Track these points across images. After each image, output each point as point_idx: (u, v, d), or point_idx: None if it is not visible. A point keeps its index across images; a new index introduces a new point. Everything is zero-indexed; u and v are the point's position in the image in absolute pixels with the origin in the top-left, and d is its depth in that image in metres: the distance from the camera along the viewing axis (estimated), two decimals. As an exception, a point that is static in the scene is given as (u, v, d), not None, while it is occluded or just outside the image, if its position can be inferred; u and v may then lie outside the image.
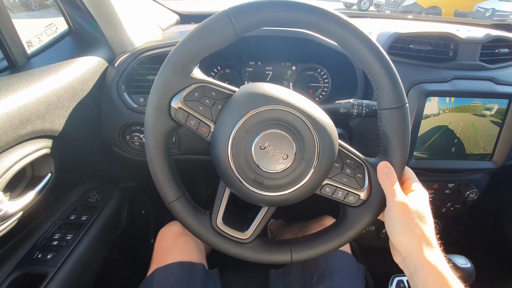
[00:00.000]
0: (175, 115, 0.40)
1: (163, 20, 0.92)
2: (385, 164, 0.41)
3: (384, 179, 0.40)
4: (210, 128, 0.41)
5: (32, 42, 0.63)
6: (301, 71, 0.82)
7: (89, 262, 0.62)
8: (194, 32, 0.39)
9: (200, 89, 0.40)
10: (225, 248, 0.44)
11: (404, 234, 0.37)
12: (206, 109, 0.40)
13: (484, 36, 0.67)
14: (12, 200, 0.51)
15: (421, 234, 0.37)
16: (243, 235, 0.44)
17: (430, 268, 0.35)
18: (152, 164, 0.41)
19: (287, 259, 0.44)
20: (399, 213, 0.38)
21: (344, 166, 0.42)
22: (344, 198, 0.42)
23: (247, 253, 0.44)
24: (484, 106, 0.65)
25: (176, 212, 0.43)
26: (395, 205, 0.38)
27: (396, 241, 0.38)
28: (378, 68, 0.39)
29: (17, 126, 0.48)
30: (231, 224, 0.44)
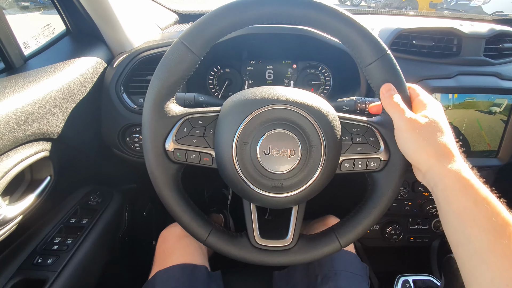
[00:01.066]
0: (174, 157, 0.40)
1: (161, 20, 0.91)
2: (388, 86, 0.38)
3: (389, 101, 0.38)
4: (212, 155, 0.40)
5: (29, 43, 0.63)
6: (302, 69, 0.81)
7: (90, 266, 0.61)
8: (157, 72, 0.39)
9: (186, 123, 0.40)
10: (274, 261, 0.43)
11: (418, 151, 0.36)
12: (200, 139, 0.40)
13: (488, 31, 0.66)
14: (11, 204, 0.50)
15: (437, 145, 0.35)
16: (285, 242, 0.43)
17: (449, 176, 0.33)
18: (172, 211, 0.41)
19: (336, 247, 0.43)
20: (408, 131, 0.36)
21: (352, 136, 0.41)
22: (366, 167, 0.41)
23: (296, 257, 0.43)
24: (489, 102, 0.64)
25: (215, 246, 0.43)
26: (403, 123, 0.36)
27: (412, 159, 0.37)
28: (344, 28, 0.37)
29: (14, 129, 0.47)
30: (270, 236, 0.44)
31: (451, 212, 0.33)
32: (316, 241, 0.44)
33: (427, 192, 0.78)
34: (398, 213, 0.84)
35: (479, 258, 0.30)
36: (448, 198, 0.33)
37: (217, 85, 0.81)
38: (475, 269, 0.30)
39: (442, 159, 0.34)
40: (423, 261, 0.95)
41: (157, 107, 0.39)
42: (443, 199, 0.34)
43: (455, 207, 0.33)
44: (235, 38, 0.67)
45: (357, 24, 0.38)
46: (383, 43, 0.38)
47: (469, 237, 0.31)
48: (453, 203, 0.33)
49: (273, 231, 0.45)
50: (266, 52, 0.79)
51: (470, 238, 0.31)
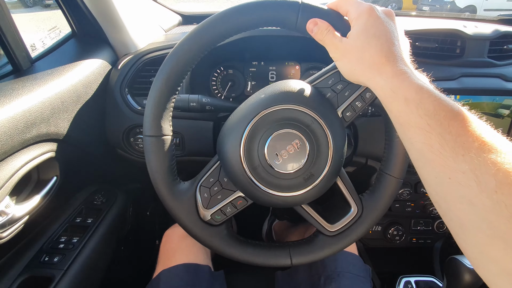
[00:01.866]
0: (215, 221, 0.43)
1: (165, 21, 0.92)
2: (313, 21, 0.36)
3: (318, 37, 0.36)
4: (241, 195, 0.42)
5: (36, 45, 0.64)
6: (305, 70, 0.81)
7: (95, 264, 0.62)
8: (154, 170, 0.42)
9: (202, 189, 0.42)
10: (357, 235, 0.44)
11: (351, 73, 0.35)
12: (223, 192, 0.42)
13: (492, 32, 0.66)
14: (19, 204, 0.51)
15: (364, 61, 0.33)
16: (354, 213, 0.44)
17: (380, 86, 0.32)
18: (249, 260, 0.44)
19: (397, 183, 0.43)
20: (340, 59, 0.35)
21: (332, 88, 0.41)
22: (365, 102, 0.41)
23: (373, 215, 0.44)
24: (494, 104, 0.64)
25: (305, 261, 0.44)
26: (334, 54, 0.36)
27: (355, 82, 0.36)
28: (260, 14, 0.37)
29: (22, 130, 0.48)
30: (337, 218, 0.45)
31: (393, 120, 0.32)
32: (377, 192, 0.44)
33: (429, 193, 0.78)
34: (400, 214, 0.84)
35: (422, 159, 0.29)
36: (386, 106, 0.32)
37: (220, 86, 0.81)
38: (421, 169, 0.30)
39: (371, 73, 0.32)
40: (426, 262, 0.95)
41: (172, 195, 0.41)
42: (386, 110, 0.33)
43: (393, 114, 0.31)
44: (238, 39, 0.67)
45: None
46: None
47: (410, 140, 0.30)
48: (390, 111, 0.32)
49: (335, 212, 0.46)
50: (269, 53, 0.79)
51: (411, 140, 0.30)
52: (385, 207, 0.44)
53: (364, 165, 0.77)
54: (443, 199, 0.27)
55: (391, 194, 0.43)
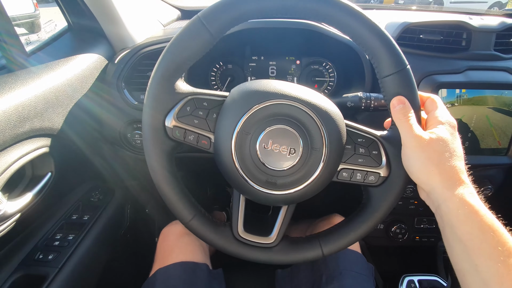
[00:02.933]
0: (172, 134, 0.39)
1: (164, 16, 0.90)
2: (399, 99, 0.36)
3: (398, 115, 0.36)
4: (211, 140, 0.39)
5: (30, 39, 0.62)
6: (305, 65, 0.80)
7: (91, 262, 0.61)
8: (170, 46, 0.38)
9: (191, 102, 0.39)
10: (252, 256, 0.42)
11: (422, 170, 0.34)
12: (202, 121, 0.39)
13: (498, 25, 0.64)
14: (12, 200, 0.50)
15: (442, 167, 0.33)
16: (268, 239, 0.42)
17: (453, 201, 0.32)
18: (160, 188, 0.40)
19: (318, 255, 0.42)
20: (414, 148, 0.35)
21: (356, 146, 0.40)
22: (364, 180, 0.40)
23: (276, 256, 0.42)
24: (500, 97, 0.62)
25: (196, 230, 0.42)
26: (411, 140, 0.35)
27: (415, 178, 0.36)
28: (367, 35, 0.36)
29: (15, 124, 0.47)
30: (254, 231, 0.43)
31: (456, 238, 0.32)
32: (299, 244, 0.43)
33: (433, 191, 0.76)
34: (403, 212, 0.82)
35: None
36: (452, 222, 0.32)
37: (219, 81, 0.80)
38: None
39: (447, 182, 0.33)
40: (429, 261, 0.93)
41: (163, 81, 0.38)
42: (447, 223, 0.33)
43: (460, 233, 0.31)
44: (237, 33, 0.65)
45: (382, 32, 0.36)
46: (404, 57, 0.37)
47: (476, 266, 0.30)
48: (458, 229, 0.32)
49: (258, 227, 0.44)
50: (269, 47, 0.78)
51: (477, 267, 0.30)
52: (292, 262, 0.43)
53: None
54: None
55: (305, 259, 0.43)
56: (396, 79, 0.37)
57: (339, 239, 0.42)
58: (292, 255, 0.42)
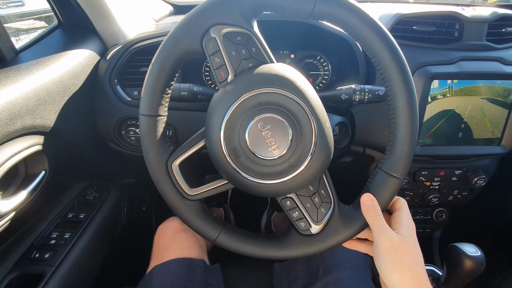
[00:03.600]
0: (205, 43, 0.37)
1: (156, 11, 0.89)
2: (368, 196, 0.38)
3: (369, 212, 0.38)
4: (228, 77, 0.38)
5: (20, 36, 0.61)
6: (300, 59, 0.79)
7: (88, 260, 0.61)
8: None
9: (246, 36, 0.37)
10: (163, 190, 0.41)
11: (395, 273, 0.35)
12: (237, 58, 0.37)
13: (490, 15, 0.64)
14: (5, 199, 0.49)
15: (413, 273, 0.35)
16: (188, 190, 0.41)
17: None
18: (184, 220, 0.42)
19: (211, 236, 0.41)
20: (387, 249, 0.36)
21: (316, 193, 0.40)
22: (296, 220, 0.40)
23: (182, 208, 0.41)
24: (494, 88, 0.62)
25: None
26: (383, 241, 0.36)
27: (387, 280, 0.36)
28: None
29: (6, 122, 0.46)
30: (184, 175, 0.41)
31: None
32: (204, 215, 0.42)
33: (428, 182, 0.77)
34: (399, 203, 0.83)
35: None
36: None
37: (213, 77, 0.79)
38: None
39: (415, 286, 0.35)
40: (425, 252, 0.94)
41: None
42: None
43: None
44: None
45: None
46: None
47: None
48: None
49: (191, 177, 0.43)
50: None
51: None
52: None
53: (362, 154, 0.76)
54: None
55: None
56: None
57: (234, 240, 0.41)
58: (193, 218, 0.41)
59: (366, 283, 0.54)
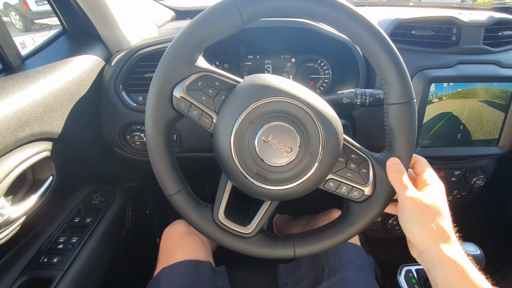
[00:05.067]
0: (177, 105, 0.39)
1: (158, 17, 0.90)
2: (394, 160, 0.40)
3: (394, 175, 0.39)
4: (213, 119, 0.40)
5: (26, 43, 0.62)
6: (301, 63, 0.81)
7: (95, 264, 0.61)
8: (199, 18, 0.38)
9: (204, 78, 0.39)
10: (226, 242, 0.43)
11: (419, 230, 0.37)
12: (209, 100, 0.39)
13: (487, 19, 0.65)
14: (14, 204, 0.50)
15: (437, 228, 0.36)
16: (245, 229, 0.43)
17: (448, 263, 0.34)
18: (152, 155, 0.40)
19: (290, 254, 0.43)
20: (411, 209, 0.37)
21: (348, 161, 0.41)
22: (348, 193, 0.42)
23: (250, 247, 0.43)
24: (490, 90, 0.64)
25: (177, 205, 0.42)
26: (407, 201, 0.37)
27: (412, 238, 0.38)
28: (385, 60, 0.38)
29: (15, 129, 0.47)
30: (233, 218, 0.43)
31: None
32: (274, 241, 0.44)
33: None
34: (400, 204, 0.84)
35: None
36: (448, 284, 0.34)
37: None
38: None
39: (441, 243, 0.35)
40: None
41: (183, 51, 0.38)
42: (442, 283, 0.35)
43: None
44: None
45: (398, 58, 0.38)
46: (413, 91, 0.39)
47: None
48: (447, 284, 0.34)
49: (238, 215, 0.45)
50: (264, 46, 0.79)
51: None
52: (264, 256, 0.44)
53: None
54: None
55: (277, 255, 0.44)
56: (400, 110, 0.39)
57: (312, 244, 0.43)
58: (264, 250, 0.43)
59: (371, 283, 0.55)
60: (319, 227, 0.45)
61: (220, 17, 0.37)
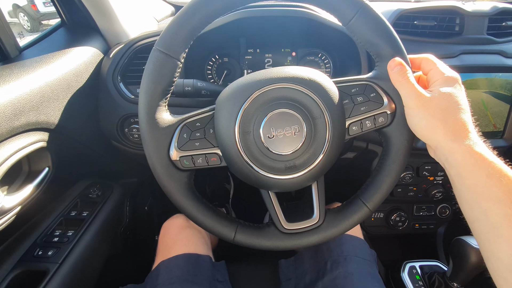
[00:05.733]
0: (181, 165, 0.39)
1: (158, 12, 0.90)
2: (395, 61, 0.37)
3: (397, 77, 0.36)
4: (218, 154, 0.40)
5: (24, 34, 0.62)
6: (301, 56, 0.80)
7: (92, 258, 0.60)
8: (143, 86, 0.38)
9: (184, 128, 0.39)
10: (306, 242, 0.42)
11: (427, 128, 0.34)
12: (202, 141, 0.40)
13: (490, 9, 0.65)
14: (9, 195, 0.49)
15: (447, 123, 0.33)
16: (313, 221, 0.42)
17: (460, 152, 0.32)
18: (194, 218, 0.41)
19: (366, 213, 0.42)
20: (417, 108, 0.35)
21: (352, 97, 0.40)
22: (375, 124, 0.40)
23: (328, 233, 0.42)
24: (494, 80, 0.63)
25: (244, 242, 0.42)
26: (412, 101, 0.35)
27: (421, 136, 0.36)
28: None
29: (10, 117, 0.46)
30: (297, 219, 0.43)
31: (465, 187, 0.32)
32: (343, 212, 0.43)
33: (431, 177, 0.77)
34: (402, 199, 0.83)
35: (496, 232, 0.29)
36: (460, 173, 0.32)
37: (215, 75, 0.79)
38: (493, 243, 0.30)
39: (453, 136, 0.33)
40: (429, 248, 0.94)
41: (151, 120, 0.38)
42: (455, 175, 0.33)
43: (469, 182, 0.32)
44: (231, 24, 0.65)
45: None
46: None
47: (485, 211, 0.30)
48: (467, 178, 0.32)
49: (298, 213, 0.44)
50: (264, 40, 0.78)
51: (486, 212, 0.30)
52: (345, 230, 0.43)
53: (365, 149, 0.76)
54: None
55: (356, 221, 0.42)
56: (360, 19, 0.37)
57: (378, 188, 0.41)
58: (342, 225, 0.42)
59: (374, 276, 0.53)
60: (373, 174, 0.43)
61: (158, 73, 0.37)
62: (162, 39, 0.37)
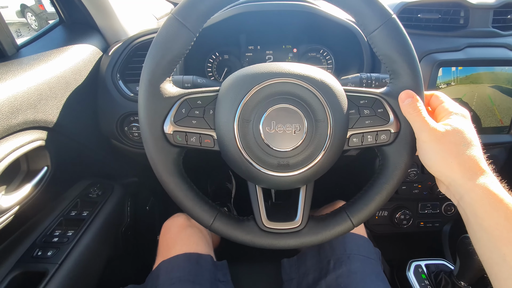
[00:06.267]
0: (173, 140, 0.38)
1: (157, 9, 0.89)
2: (407, 93, 0.36)
3: (409, 110, 0.36)
4: (213, 137, 0.38)
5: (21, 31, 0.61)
6: (302, 53, 0.79)
7: (92, 258, 0.59)
8: (151, 51, 0.37)
9: (184, 103, 0.38)
10: (283, 244, 0.41)
11: (440, 163, 0.34)
12: (200, 120, 0.38)
13: (495, 1, 0.63)
14: (7, 194, 0.48)
15: (461, 158, 0.33)
16: (295, 224, 0.41)
17: (476, 191, 0.31)
18: (175, 197, 0.40)
19: (348, 227, 0.41)
20: (430, 142, 0.34)
21: (360, 108, 0.39)
22: (376, 140, 0.39)
23: (306, 238, 0.41)
24: (500, 74, 0.61)
25: (221, 231, 0.41)
26: (425, 134, 0.34)
27: (434, 171, 0.35)
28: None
29: (7, 116, 0.45)
30: (279, 219, 0.42)
31: (482, 228, 0.31)
32: (326, 222, 0.41)
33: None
34: (407, 197, 0.81)
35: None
36: (477, 213, 0.31)
37: (216, 72, 0.78)
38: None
39: (468, 172, 0.32)
40: (435, 247, 0.92)
41: (152, 88, 0.37)
42: (472, 214, 0.32)
43: (487, 224, 0.31)
44: (231, 18, 0.64)
45: None
46: (388, 8, 0.36)
47: (504, 256, 0.29)
48: (484, 220, 0.31)
49: (281, 213, 0.43)
50: (265, 36, 0.77)
51: (505, 257, 0.29)
52: (325, 240, 0.41)
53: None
54: None
55: (337, 233, 0.41)
56: (385, 32, 0.36)
57: (366, 205, 0.40)
58: (322, 234, 0.41)
59: (378, 275, 0.52)
60: (364, 188, 0.42)
61: (171, 41, 0.36)
62: (181, 7, 0.36)
